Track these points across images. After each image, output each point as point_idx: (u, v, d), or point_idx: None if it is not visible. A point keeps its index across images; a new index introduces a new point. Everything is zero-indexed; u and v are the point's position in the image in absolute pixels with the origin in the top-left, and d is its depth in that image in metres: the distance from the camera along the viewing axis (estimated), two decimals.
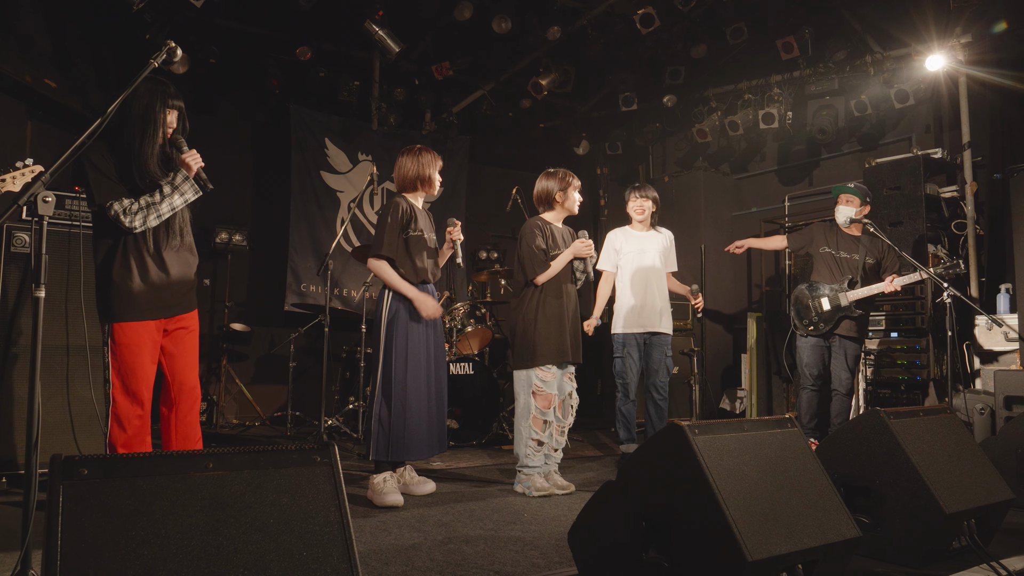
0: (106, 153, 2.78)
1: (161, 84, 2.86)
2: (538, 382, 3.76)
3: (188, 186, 2.83)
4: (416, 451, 3.48)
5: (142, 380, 2.83)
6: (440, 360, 3.68)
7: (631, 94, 7.00)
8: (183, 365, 2.97)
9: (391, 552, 2.55)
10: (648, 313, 4.58)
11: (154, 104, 2.81)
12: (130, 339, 2.81)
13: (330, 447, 1.58)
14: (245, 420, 6.43)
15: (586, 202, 4.22)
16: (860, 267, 4.72)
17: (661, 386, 4.55)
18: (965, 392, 4.66)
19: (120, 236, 2.80)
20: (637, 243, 4.70)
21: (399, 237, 3.55)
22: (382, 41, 6.07)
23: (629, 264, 4.69)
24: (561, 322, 3.81)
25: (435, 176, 3.66)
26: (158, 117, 2.82)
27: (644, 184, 4.83)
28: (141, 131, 2.79)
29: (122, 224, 2.73)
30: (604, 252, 4.80)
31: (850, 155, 6.73)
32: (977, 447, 2.79)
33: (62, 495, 1.32)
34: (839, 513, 2.06)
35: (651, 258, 4.66)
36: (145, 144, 2.80)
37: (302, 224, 6.98)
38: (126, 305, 2.80)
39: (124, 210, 2.73)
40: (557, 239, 3.88)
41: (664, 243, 4.76)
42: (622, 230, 4.82)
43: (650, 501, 2.01)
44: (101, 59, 6.01)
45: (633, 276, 4.65)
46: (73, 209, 3.62)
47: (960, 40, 5.54)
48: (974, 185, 5.57)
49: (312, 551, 1.42)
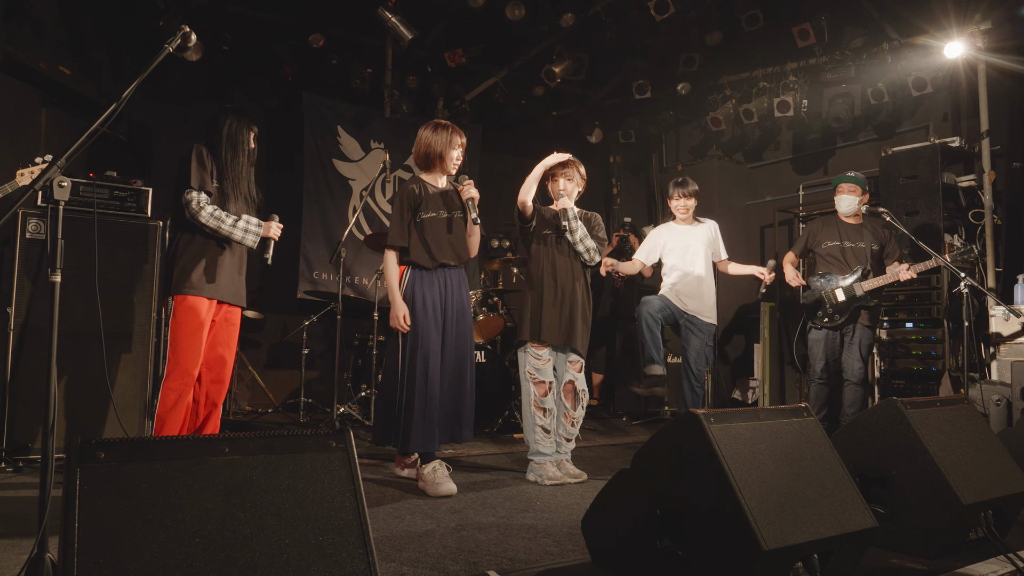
0: (209, 154, 3.29)
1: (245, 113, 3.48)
2: (531, 368, 3.75)
3: (253, 237, 3.33)
4: (423, 442, 3.39)
5: (195, 353, 3.21)
6: (463, 347, 3.56)
7: (645, 82, 6.94)
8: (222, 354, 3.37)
9: (404, 539, 2.56)
10: (689, 301, 4.56)
11: (242, 127, 3.40)
12: (189, 314, 3.20)
13: (345, 433, 1.57)
14: (258, 407, 6.46)
15: (599, 190, 4.19)
16: (868, 255, 4.69)
17: (699, 374, 4.53)
18: (981, 383, 4.62)
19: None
20: (682, 238, 4.69)
21: (407, 223, 3.48)
22: (395, 28, 6.05)
23: (674, 260, 4.67)
24: (544, 300, 3.75)
25: (450, 154, 3.53)
26: (245, 137, 3.41)
27: (685, 180, 4.75)
28: (232, 147, 3.35)
29: (190, 210, 3.18)
30: (643, 246, 4.81)
31: (866, 144, 6.66)
32: (995, 438, 2.76)
33: (79, 479, 1.32)
34: (855, 503, 2.05)
35: (694, 251, 4.64)
36: (237, 159, 3.37)
37: (314, 212, 6.99)
38: (192, 280, 3.20)
39: (203, 203, 3.20)
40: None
41: (710, 234, 4.73)
42: (666, 226, 4.81)
43: (664, 490, 2.01)
44: (115, 46, 6.02)
45: (677, 271, 4.64)
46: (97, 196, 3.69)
47: (979, 27, 5.46)
48: (992, 174, 5.50)
49: (328, 536, 1.42)
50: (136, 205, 3.83)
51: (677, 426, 2.01)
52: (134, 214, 3.82)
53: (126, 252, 3.79)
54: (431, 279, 3.50)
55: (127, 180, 3.82)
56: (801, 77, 6.58)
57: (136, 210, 3.83)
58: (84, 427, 3.57)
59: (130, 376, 3.74)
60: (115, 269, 3.71)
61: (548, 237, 3.87)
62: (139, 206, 3.84)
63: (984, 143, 5.53)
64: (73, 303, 3.46)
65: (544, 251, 3.86)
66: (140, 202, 3.84)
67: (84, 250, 3.47)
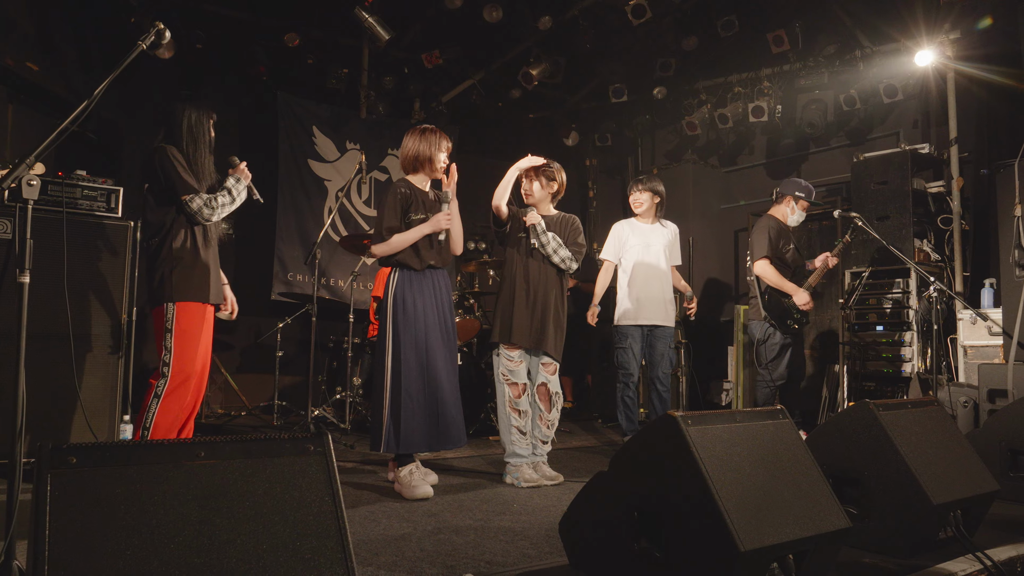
0: (180, 153, 3.17)
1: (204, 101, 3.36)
2: (504, 370, 3.76)
3: (242, 191, 3.30)
4: (415, 443, 3.37)
5: (197, 360, 3.15)
6: (452, 349, 3.55)
7: (621, 86, 6.98)
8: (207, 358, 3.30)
9: (381, 542, 2.54)
10: (651, 306, 4.59)
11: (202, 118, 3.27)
12: (193, 319, 3.11)
13: (323, 436, 1.56)
14: (231, 410, 6.39)
15: (575, 193, 4.21)
16: (795, 257, 4.94)
17: (664, 377, 4.58)
18: (949, 385, 4.71)
19: (188, 226, 3.16)
20: (642, 236, 4.71)
21: (400, 221, 3.47)
22: (372, 28, 6.01)
23: (633, 257, 4.69)
24: (516, 303, 3.75)
25: (438, 156, 3.54)
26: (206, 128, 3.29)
27: (649, 177, 4.80)
28: (193, 141, 3.23)
29: (201, 216, 3.12)
30: (608, 243, 4.81)
31: (838, 149, 6.75)
32: (963, 439, 2.81)
33: (50, 484, 1.29)
34: (830, 504, 2.07)
35: (656, 251, 4.66)
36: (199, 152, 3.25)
37: (289, 213, 6.92)
38: (193, 285, 3.13)
39: (205, 203, 3.12)
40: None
41: (668, 237, 4.77)
42: (628, 222, 4.83)
43: (642, 491, 2.01)
44: (85, 43, 5.91)
45: (637, 269, 4.65)
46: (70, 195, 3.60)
47: (949, 36, 5.57)
48: (960, 180, 5.61)
49: (306, 541, 1.41)
50: (107, 205, 3.76)
51: (655, 428, 2.02)
52: (105, 214, 3.76)
53: (96, 252, 3.71)
54: (420, 281, 3.49)
55: (97, 179, 3.75)
56: (775, 83, 6.66)
57: (107, 210, 3.76)
58: (52, 431, 3.49)
59: (100, 379, 3.66)
60: (85, 270, 3.64)
61: (522, 240, 3.86)
62: (110, 206, 3.77)
63: (953, 150, 5.64)
64: (41, 304, 3.38)
65: (517, 254, 3.86)
66: (111, 202, 3.78)
67: (53, 250, 3.39)
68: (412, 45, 6.92)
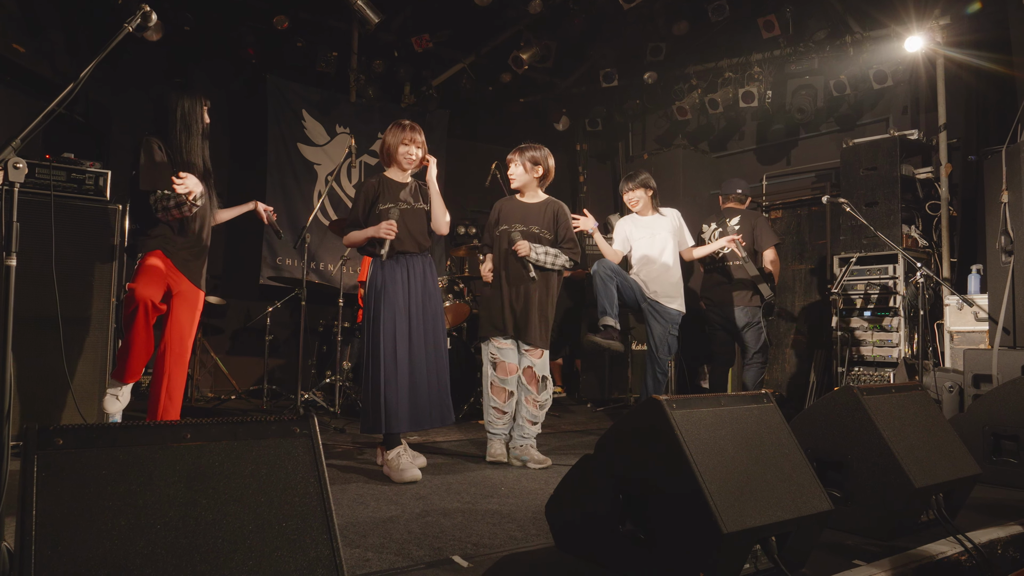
0: (160, 146, 3.26)
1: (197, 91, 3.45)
2: (494, 350, 3.87)
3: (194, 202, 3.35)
4: (398, 423, 3.40)
5: (151, 288, 3.27)
6: (434, 331, 3.59)
7: (612, 70, 6.97)
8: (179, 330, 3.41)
9: (369, 525, 2.56)
10: (653, 285, 4.62)
11: (195, 105, 3.37)
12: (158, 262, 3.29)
13: (309, 418, 1.57)
14: (220, 394, 6.39)
15: (565, 178, 4.21)
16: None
17: (662, 361, 4.59)
18: (935, 370, 4.75)
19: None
20: (646, 228, 4.74)
21: (367, 214, 3.57)
22: (361, 11, 5.97)
23: (640, 249, 4.73)
24: (500, 300, 3.86)
25: (399, 151, 3.60)
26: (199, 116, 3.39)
27: (636, 173, 4.81)
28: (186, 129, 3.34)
29: (155, 210, 3.25)
30: (616, 236, 4.85)
31: (828, 135, 6.77)
32: (946, 424, 2.84)
33: (36, 465, 1.30)
34: (812, 487, 2.10)
35: (662, 239, 4.69)
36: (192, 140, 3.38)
37: (278, 196, 6.89)
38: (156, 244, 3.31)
39: (157, 200, 3.23)
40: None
41: (673, 223, 4.79)
42: (630, 218, 4.86)
43: (627, 474, 2.03)
44: (71, 24, 5.85)
45: (644, 257, 4.70)
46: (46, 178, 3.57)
47: (939, 21, 5.58)
48: (949, 167, 5.64)
49: (292, 522, 1.42)
50: (94, 188, 3.74)
51: (640, 412, 2.04)
52: (92, 197, 3.74)
53: (84, 236, 3.70)
54: (392, 267, 3.53)
55: (84, 162, 3.73)
56: (766, 68, 6.66)
57: (95, 193, 3.74)
58: (40, 414, 3.49)
59: (88, 362, 3.66)
60: (73, 253, 3.62)
61: (504, 234, 3.89)
62: (97, 189, 3.75)
63: (941, 136, 5.66)
64: (29, 288, 3.37)
65: (499, 250, 3.92)
66: (98, 185, 3.76)
67: (40, 234, 3.38)
68: (402, 28, 6.88)
